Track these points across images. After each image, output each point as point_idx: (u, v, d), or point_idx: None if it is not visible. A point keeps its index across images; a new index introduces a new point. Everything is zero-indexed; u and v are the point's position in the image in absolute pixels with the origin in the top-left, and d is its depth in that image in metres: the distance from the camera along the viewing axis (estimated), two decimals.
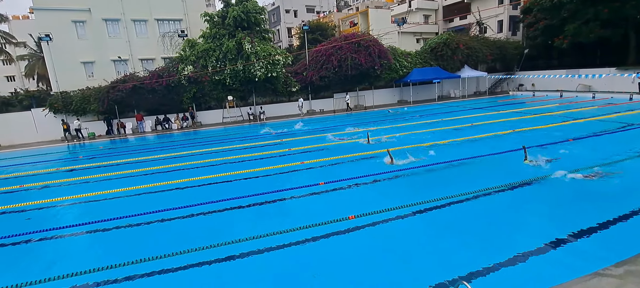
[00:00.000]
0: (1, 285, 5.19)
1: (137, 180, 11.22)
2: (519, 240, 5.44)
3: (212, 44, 24.71)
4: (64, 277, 5.30)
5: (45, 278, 5.27)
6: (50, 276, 5.33)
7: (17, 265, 6.12)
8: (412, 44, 37.80)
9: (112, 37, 27.29)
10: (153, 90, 24.36)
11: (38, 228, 7.50)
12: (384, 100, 31.04)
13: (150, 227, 7.24)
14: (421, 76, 29.15)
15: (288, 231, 6.26)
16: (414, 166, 9.86)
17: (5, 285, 5.17)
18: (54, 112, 24.32)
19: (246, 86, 26.13)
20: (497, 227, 6.11)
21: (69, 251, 6.65)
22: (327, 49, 27.09)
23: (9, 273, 5.75)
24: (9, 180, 13.21)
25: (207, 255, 5.67)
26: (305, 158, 12.06)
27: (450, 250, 5.44)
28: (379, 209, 6.89)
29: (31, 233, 7.28)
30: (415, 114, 22.54)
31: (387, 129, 17.28)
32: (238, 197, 8.35)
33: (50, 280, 5.24)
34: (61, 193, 10.28)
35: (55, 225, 7.74)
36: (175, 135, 23.02)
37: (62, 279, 5.26)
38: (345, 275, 4.96)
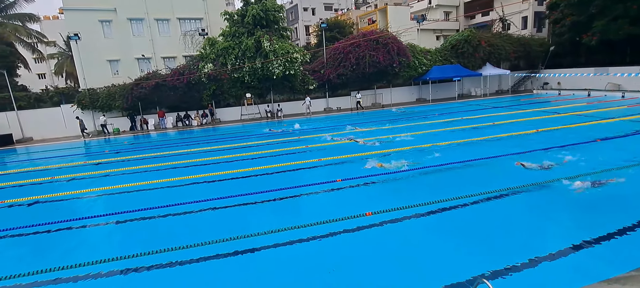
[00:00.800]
0: (35, 269, 5.49)
1: (158, 174, 11.59)
2: (536, 244, 5.28)
3: (232, 42, 25.09)
4: (90, 264, 5.54)
5: (74, 264, 5.54)
6: (77, 262, 5.59)
7: (49, 251, 6.47)
8: (431, 41, 37.17)
9: (136, 36, 28.16)
10: (174, 88, 25.01)
11: (67, 218, 7.89)
12: (401, 98, 30.66)
13: (171, 219, 7.47)
14: (441, 74, 28.61)
15: (302, 226, 6.32)
16: (425, 166, 9.72)
17: (37, 269, 5.48)
18: (81, 108, 25.36)
19: (264, 84, 26.41)
20: (514, 230, 5.95)
21: (95, 240, 6.97)
22: (345, 46, 27.00)
23: (40, 258, 6.13)
24: (41, 172, 13.92)
25: (225, 248, 5.81)
26: (314, 157, 12.09)
27: (467, 250, 5.35)
28: (396, 207, 6.84)
29: (60, 222, 7.66)
30: (434, 112, 22.17)
31: (396, 129, 17.06)
32: (254, 193, 8.46)
33: (78, 266, 5.50)
34: (87, 186, 10.79)
35: (82, 215, 8.11)
36: (195, 132, 23.54)
37: (87, 265, 5.51)
38: (360, 271, 4.96)
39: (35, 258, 6.21)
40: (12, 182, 12.51)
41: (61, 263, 5.61)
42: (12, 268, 5.67)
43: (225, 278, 5.05)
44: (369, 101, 29.60)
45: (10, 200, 9.58)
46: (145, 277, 5.20)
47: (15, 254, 6.51)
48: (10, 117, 24.71)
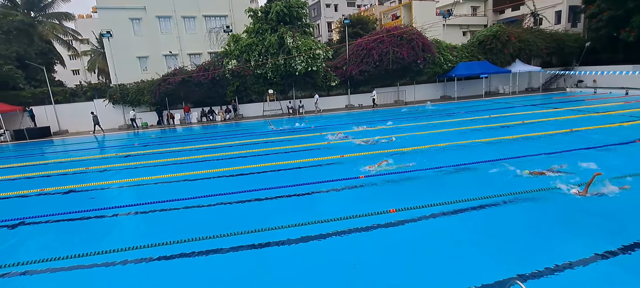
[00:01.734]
0: (70, 253, 5.80)
1: (182, 167, 11.93)
2: (567, 249, 5.00)
3: (255, 39, 25.37)
4: (118, 251, 5.80)
5: (104, 250, 5.82)
6: (107, 249, 5.87)
7: (81, 237, 6.79)
8: (458, 37, 36.12)
9: (164, 33, 29.02)
10: (199, 84, 25.60)
11: (98, 206, 8.28)
12: (425, 95, 30.00)
13: (195, 211, 7.66)
14: (467, 71, 27.76)
15: (319, 222, 6.31)
16: (450, 165, 9.44)
17: (73, 253, 5.81)
18: (113, 103, 26.45)
19: (286, 80, 26.56)
20: (543, 234, 5.66)
21: (123, 228, 7.26)
22: (368, 42, 26.68)
23: (75, 243, 6.46)
24: (76, 162, 14.64)
25: (248, 240, 5.89)
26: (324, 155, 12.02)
27: (495, 251, 5.15)
28: (421, 204, 6.69)
29: (94, 210, 8.02)
30: (459, 110, 21.55)
31: (415, 127, 16.68)
32: (277, 187, 8.52)
33: (107, 253, 5.77)
34: (117, 177, 11.25)
35: (112, 204, 8.48)
36: (218, 127, 24.02)
37: (116, 252, 5.77)
38: (385, 268, 4.88)
39: (70, 243, 6.54)
40: (50, 171, 13.25)
41: (92, 249, 5.90)
42: (48, 252, 6.01)
43: (243, 270, 5.10)
44: (391, 98, 29.18)
45: (49, 188, 10.13)
46: (168, 266, 5.36)
47: (52, 239, 6.89)
48: (48, 110, 26.13)
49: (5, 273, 5.46)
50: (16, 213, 8.04)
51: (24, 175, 12.72)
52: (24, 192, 10.05)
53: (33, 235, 7.10)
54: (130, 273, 5.25)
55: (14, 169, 14.25)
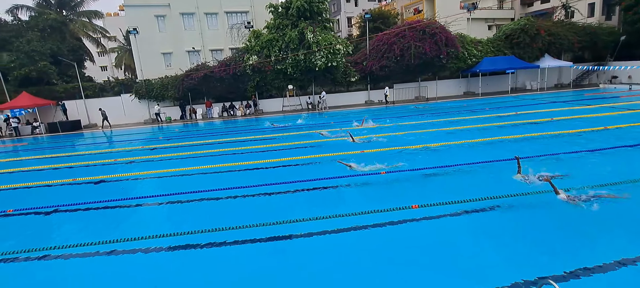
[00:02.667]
0: (100, 239, 6.06)
1: (203, 160, 12.21)
2: (601, 251, 4.74)
3: (276, 35, 25.49)
4: (142, 239, 6.04)
5: (129, 238, 6.08)
6: (132, 236, 6.13)
7: (110, 224, 7.08)
8: (483, 31, 34.97)
9: (187, 29, 29.65)
10: (221, 79, 26.03)
11: (126, 196, 8.60)
12: (448, 91, 29.30)
13: (214, 202, 7.79)
14: (492, 66, 26.85)
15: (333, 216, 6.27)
16: (466, 163, 9.15)
17: (102, 239, 6.07)
18: (139, 97, 27.32)
19: (306, 75, 26.57)
20: (574, 234, 5.39)
21: (147, 217, 7.52)
22: (389, 37, 26.27)
23: (104, 230, 6.73)
24: (105, 154, 15.24)
25: (267, 232, 5.95)
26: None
27: (525, 250, 4.95)
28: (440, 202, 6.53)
29: (122, 199, 8.32)
30: (484, 106, 20.90)
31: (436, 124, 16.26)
32: (294, 181, 8.55)
33: (132, 240, 6.01)
34: (143, 168, 11.65)
35: (138, 194, 8.85)
36: (239, 122, 24.36)
37: (140, 240, 6.00)
38: (406, 264, 4.81)
39: (100, 230, 6.82)
40: (82, 162, 13.85)
41: (119, 236, 6.16)
42: (80, 237, 6.34)
43: (261, 262, 5.15)
44: (412, 94, 28.66)
45: (81, 178, 10.60)
46: (189, 255, 5.50)
47: (83, 225, 7.20)
48: (79, 104, 27.32)
49: (43, 255, 5.78)
50: (52, 201, 8.46)
51: (58, 166, 13.37)
52: (58, 181, 10.56)
53: (67, 221, 7.44)
54: (153, 260, 5.46)
55: (49, 160, 14.99)
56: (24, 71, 26.00)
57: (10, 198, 9.19)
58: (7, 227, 7.39)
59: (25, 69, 26.00)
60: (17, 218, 7.66)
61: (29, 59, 26.20)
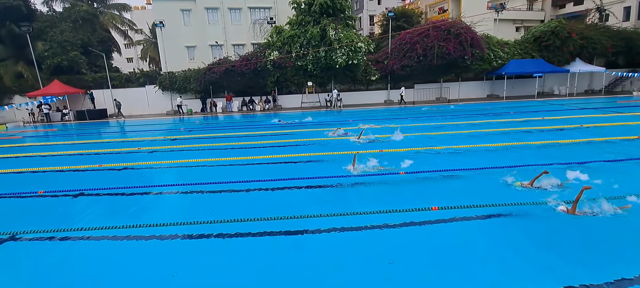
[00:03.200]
0: (122, 224, 6.24)
1: (223, 152, 12.41)
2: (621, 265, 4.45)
3: (298, 31, 25.52)
4: (159, 226, 6.17)
5: (147, 224, 6.23)
6: (150, 222, 6.28)
7: (131, 210, 7.26)
8: (510, 32, 33.86)
9: (211, 24, 30.16)
10: (242, 74, 26.33)
11: (147, 183, 8.84)
12: (471, 93, 28.56)
13: (232, 195, 7.86)
14: (519, 68, 25.98)
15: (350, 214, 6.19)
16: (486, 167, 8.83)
17: (123, 224, 6.27)
18: (162, 89, 28.03)
19: (326, 73, 26.50)
20: (595, 246, 5.10)
21: (166, 205, 7.66)
22: (412, 36, 25.82)
23: (125, 215, 6.93)
24: (129, 143, 15.70)
25: (282, 226, 5.95)
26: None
27: (541, 259, 4.72)
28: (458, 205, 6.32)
29: (143, 187, 8.55)
30: (509, 110, 20.23)
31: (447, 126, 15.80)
32: (308, 177, 8.52)
33: (151, 226, 6.15)
34: (165, 158, 11.93)
35: (159, 183, 9.04)
36: (257, 116, 24.57)
37: (157, 227, 6.13)
38: (422, 266, 4.69)
39: (122, 215, 7.03)
40: (108, 149, 14.33)
41: (139, 221, 6.34)
42: (103, 221, 6.56)
43: (275, 256, 5.15)
44: (433, 95, 28.10)
45: (107, 165, 10.95)
46: (203, 244, 5.57)
47: (107, 209, 7.43)
48: (105, 94, 28.28)
49: (66, 236, 6.00)
50: (78, 184, 8.78)
51: (86, 151, 13.91)
52: (85, 166, 10.96)
53: (91, 205, 7.69)
54: (171, 247, 5.56)
55: (77, 146, 15.61)
56: (57, 60, 27.14)
57: (42, 180, 9.60)
58: (37, 207, 7.71)
59: (57, 58, 27.13)
60: (47, 200, 7.99)
61: (61, 49, 27.32)
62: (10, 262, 5.34)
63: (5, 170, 10.94)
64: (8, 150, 15.41)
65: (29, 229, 6.22)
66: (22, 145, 17.18)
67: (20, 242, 5.89)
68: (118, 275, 4.82)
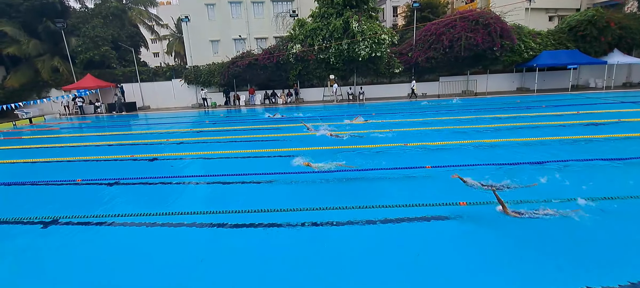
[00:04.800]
0: (153, 211, 6.50)
1: (246, 144, 12.64)
2: None
3: (320, 23, 25.35)
4: (187, 214, 6.39)
5: (177, 212, 6.45)
6: (178, 210, 6.52)
7: (162, 198, 7.53)
8: (543, 22, 32.23)
9: (234, 18, 30.49)
10: (264, 67, 26.51)
11: (176, 174, 9.12)
12: (499, 86, 27.51)
13: (253, 186, 7.99)
14: (552, 60, 24.75)
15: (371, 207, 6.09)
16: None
17: (154, 211, 6.53)
18: (187, 83, 28.70)
19: (348, 66, 26.25)
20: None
21: (192, 194, 7.89)
22: (438, 27, 25.08)
23: (156, 203, 7.23)
24: (158, 134, 16.20)
25: (302, 218, 5.98)
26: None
27: (571, 262, 4.48)
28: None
29: (172, 177, 8.81)
30: (540, 103, 19.35)
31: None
32: (328, 171, 8.48)
33: (179, 214, 6.38)
34: (191, 149, 12.24)
35: (187, 173, 9.35)
36: (280, 109, 24.67)
37: (185, 215, 6.36)
38: (447, 261, 4.60)
39: (153, 202, 7.35)
40: (139, 140, 14.85)
41: (168, 209, 6.57)
42: (136, 208, 6.91)
43: (296, 247, 5.20)
44: (459, 88, 27.30)
45: (138, 155, 11.35)
46: (226, 233, 5.72)
47: (139, 198, 7.73)
48: (134, 87, 29.27)
49: (101, 221, 6.31)
50: (113, 174, 9.14)
51: (119, 142, 14.51)
52: (119, 156, 11.41)
53: (125, 193, 8.02)
54: (197, 235, 5.76)
55: (110, 137, 16.28)
56: (89, 55, 28.27)
57: (79, 169, 10.07)
58: (76, 194, 8.10)
59: (89, 53, 28.26)
60: (85, 188, 8.38)
61: (93, 44, 28.42)
62: (54, 244, 5.66)
63: (47, 159, 11.56)
64: (47, 140, 16.28)
65: (69, 214, 6.55)
66: (60, 136, 18.10)
67: (62, 226, 6.21)
68: (149, 260, 5.03)
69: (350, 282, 4.25)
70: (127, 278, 4.56)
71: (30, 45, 27.20)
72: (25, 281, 4.58)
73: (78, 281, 4.52)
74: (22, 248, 5.54)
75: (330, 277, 4.35)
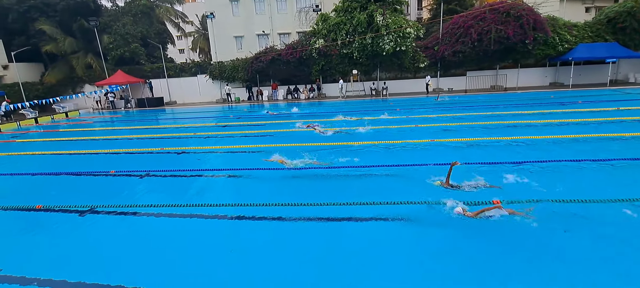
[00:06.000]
0: (181, 202, 6.65)
1: (268, 138, 12.68)
2: None
3: (344, 18, 25.07)
4: (213, 206, 6.55)
5: (203, 204, 6.62)
6: (208, 202, 6.69)
7: (190, 190, 7.68)
8: (579, 13, 30.55)
9: (258, 14, 30.73)
10: (287, 62, 26.57)
11: (203, 167, 9.30)
12: (531, 81, 26.29)
13: (275, 179, 8.01)
14: (589, 53, 23.36)
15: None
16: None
17: (184, 202, 6.67)
18: (212, 78, 29.25)
19: (372, 60, 25.87)
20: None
21: (220, 187, 8.01)
22: (466, 20, 24.22)
23: (185, 194, 7.38)
24: (185, 128, 16.63)
25: (322, 212, 5.98)
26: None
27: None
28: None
29: (199, 170, 8.97)
30: (576, 99, 18.33)
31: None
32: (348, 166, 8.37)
33: (209, 206, 6.55)
34: (217, 143, 12.43)
35: (213, 166, 9.52)
36: (302, 105, 24.70)
37: (210, 207, 6.52)
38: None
39: (182, 194, 7.51)
40: (167, 134, 15.29)
41: (199, 201, 6.74)
42: (167, 199, 7.03)
43: (315, 241, 5.21)
44: (487, 83, 26.33)
45: (166, 148, 11.65)
46: (249, 225, 5.79)
47: (169, 189, 7.91)
48: (162, 83, 30.15)
49: (134, 211, 6.54)
50: (144, 166, 9.43)
51: (149, 136, 14.99)
52: (149, 149, 11.77)
53: (156, 184, 8.23)
54: (227, 226, 5.87)
55: (141, 130, 16.83)
56: (120, 52, 29.37)
57: (113, 161, 10.47)
58: (110, 184, 8.41)
59: (120, 50, 29.35)
60: (118, 179, 8.68)
61: (124, 41, 29.48)
62: (92, 231, 5.91)
63: (83, 151, 12.10)
64: (83, 133, 17.06)
65: (105, 203, 6.80)
66: (94, 129, 18.91)
67: (98, 215, 6.45)
68: (182, 249, 5.14)
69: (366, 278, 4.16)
70: (160, 267, 4.66)
71: (66, 42, 28.56)
72: (64, 266, 4.77)
73: (113, 268, 4.66)
74: (62, 234, 5.81)
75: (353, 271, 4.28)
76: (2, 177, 9.48)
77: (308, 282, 4.19)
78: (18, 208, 6.90)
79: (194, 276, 4.37)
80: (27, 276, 4.53)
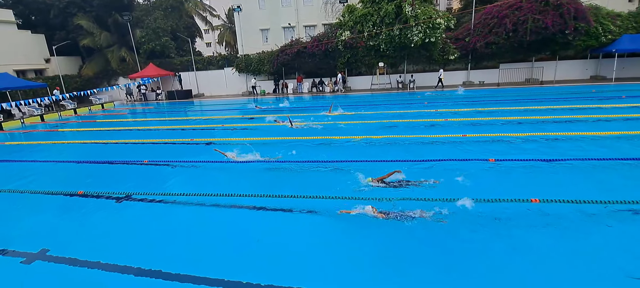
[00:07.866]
0: (210, 192, 6.80)
1: (295, 131, 12.70)
2: None
3: (371, 9, 24.56)
4: (239, 196, 6.64)
5: (231, 193, 6.74)
6: (235, 192, 6.79)
7: (219, 180, 7.85)
8: (622, 3, 28.31)
9: (284, 6, 30.74)
10: (312, 55, 26.43)
11: (231, 158, 9.37)
12: (569, 74, 24.76)
13: (295, 171, 8.07)
14: (634, 45, 21.63)
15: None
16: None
17: (212, 192, 6.81)
18: (238, 71, 29.67)
19: (399, 53, 25.25)
20: None
21: (247, 177, 8.08)
22: (501, 9, 23.05)
23: (214, 184, 7.51)
24: (213, 120, 16.99)
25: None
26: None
27: None
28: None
29: (225, 162, 9.07)
30: (620, 94, 17.09)
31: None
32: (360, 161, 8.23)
33: (236, 196, 6.65)
34: (244, 134, 12.58)
35: (241, 158, 9.49)
36: (326, 98, 24.56)
37: (242, 197, 6.60)
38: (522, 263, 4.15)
39: (211, 184, 7.66)
40: (196, 125, 15.68)
41: (226, 191, 6.85)
42: (194, 188, 7.27)
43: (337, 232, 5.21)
44: (522, 76, 25.06)
45: (195, 139, 11.96)
46: (281, 216, 5.86)
47: (197, 178, 8.11)
48: (190, 76, 30.94)
49: (168, 200, 6.76)
50: (175, 156, 9.71)
51: (178, 127, 15.43)
52: (179, 140, 12.12)
53: (185, 174, 8.46)
54: (253, 216, 5.97)
55: (171, 121, 17.35)
56: (151, 45, 30.37)
57: (146, 151, 10.84)
58: (144, 173, 8.71)
59: (152, 44, 30.34)
60: (151, 168, 8.98)
61: (155, 35, 30.44)
62: (128, 216, 6.16)
63: (118, 140, 12.64)
64: (118, 124, 17.82)
65: (140, 191, 7.05)
66: (128, 120, 19.71)
67: (133, 202, 6.70)
68: (211, 237, 5.30)
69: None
70: (194, 254, 4.76)
71: (102, 37, 29.86)
72: (103, 249, 4.99)
73: (147, 253, 4.82)
74: (101, 219, 6.08)
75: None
76: (48, 163, 10.06)
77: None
78: (63, 193, 7.29)
79: (223, 264, 4.44)
80: (73, 257, 4.78)
